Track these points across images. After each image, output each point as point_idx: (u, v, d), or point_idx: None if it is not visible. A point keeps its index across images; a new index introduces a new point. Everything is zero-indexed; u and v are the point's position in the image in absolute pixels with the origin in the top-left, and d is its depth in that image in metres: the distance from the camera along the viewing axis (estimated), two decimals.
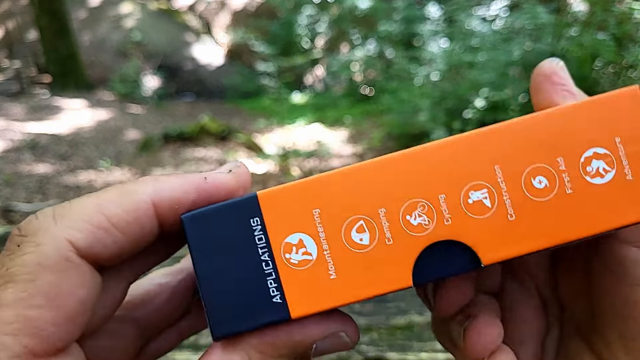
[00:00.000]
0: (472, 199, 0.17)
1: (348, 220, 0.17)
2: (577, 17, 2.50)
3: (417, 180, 0.17)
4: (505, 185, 0.17)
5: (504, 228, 0.17)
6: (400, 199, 0.17)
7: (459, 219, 0.17)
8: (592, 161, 0.17)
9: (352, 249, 0.17)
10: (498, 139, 0.17)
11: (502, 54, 2.58)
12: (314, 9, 5.33)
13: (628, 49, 2.21)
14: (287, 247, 0.17)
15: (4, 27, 6.30)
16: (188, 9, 6.83)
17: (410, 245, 0.17)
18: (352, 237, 0.17)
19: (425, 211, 0.17)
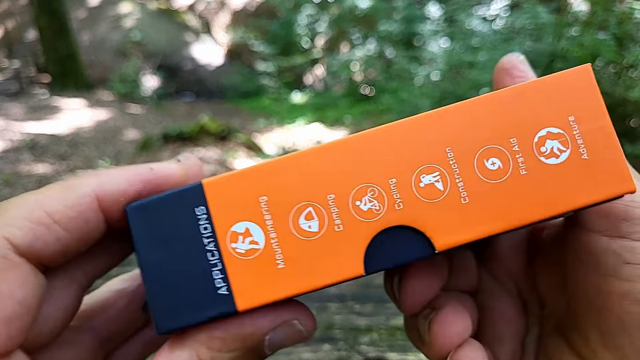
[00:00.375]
0: (424, 182, 0.16)
1: (296, 207, 0.16)
2: (578, 16, 2.50)
3: (367, 164, 0.16)
4: (458, 168, 0.16)
5: (458, 212, 0.16)
6: (350, 184, 0.16)
7: (411, 203, 0.16)
8: (546, 141, 0.16)
9: (301, 237, 0.16)
10: (449, 121, 0.16)
11: (502, 53, 2.56)
12: (313, 9, 5.33)
13: (629, 48, 2.20)
14: (233, 236, 0.16)
15: (3, 27, 6.30)
16: (188, 9, 6.83)
17: (361, 232, 0.16)
18: (300, 224, 0.16)
19: (375, 196, 0.16)
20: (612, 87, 2.26)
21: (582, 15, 2.50)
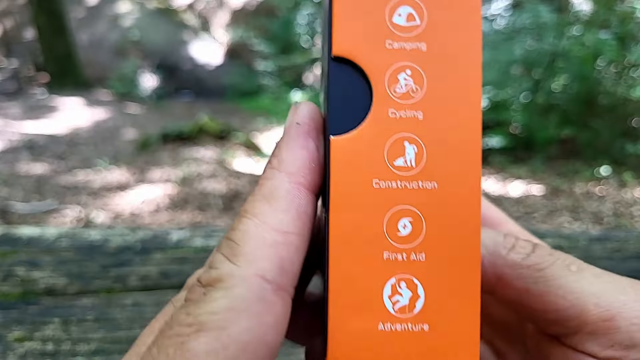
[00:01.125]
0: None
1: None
2: (579, 16, 2.50)
3: None
4: None
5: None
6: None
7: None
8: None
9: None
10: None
11: (503, 53, 2.57)
12: (313, 8, 5.31)
13: (630, 48, 2.20)
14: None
15: (2, 26, 6.27)
16: (187, 8, 6.81)
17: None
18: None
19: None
20: (613, 86, 2.25)
21: (583, 14, 2.49)
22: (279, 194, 0.16)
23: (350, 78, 0.16)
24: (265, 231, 0.15)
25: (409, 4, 0.16)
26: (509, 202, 2.27)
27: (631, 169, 2.49)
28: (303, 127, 0.17)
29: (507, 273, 0.19)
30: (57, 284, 0.39)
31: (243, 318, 0.14)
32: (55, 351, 0.33)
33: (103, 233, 0.45)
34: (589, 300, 0.17)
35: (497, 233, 0.20)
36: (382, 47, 0.16)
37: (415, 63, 0.16)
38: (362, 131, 0.16)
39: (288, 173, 0.16)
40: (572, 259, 0.19)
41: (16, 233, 0.44)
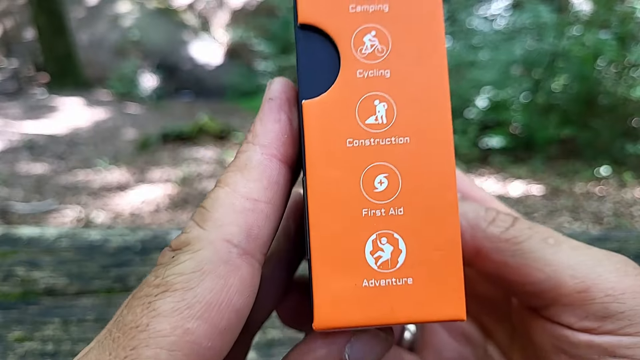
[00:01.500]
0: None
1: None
2: (579, 16, 2.50)
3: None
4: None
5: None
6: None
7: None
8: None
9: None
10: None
11: (503, 53, 2.57)
12: None
13: (630, 48, 2.20)
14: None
15: (2, 26, 6.27)
16: (187, 8, 6.81)
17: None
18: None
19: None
20: (613, 86, 2.25)
21: (583, 14, 2.49)
22: (251, 164, 0.16)
23: (318, 44, 0.16)
24: (235, 198, 0.15)
25: None
26: (509, 202, 2.27)
27: (631, 169, 2.48)
28: (275, 102, 0.18)
29: (486, 246, 0.19)
30: (57, 284, 0.39)
31: (208, 279, 0.14)
32: (55, 351, 0.33)
33: (103, 233, 0.45)
34: (565, 272, 0.17)
35: (479, 206, 0.20)
36: (345, 12, 0.16)
37: (378, 24, 0.16)
38: (332, 93, 0.16)
39: (261, 145, 0.17)
40: (551, 232, 0.19)
41: (16, 233, 0.44)
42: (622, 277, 0.17)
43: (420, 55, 0.16)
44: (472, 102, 2.58)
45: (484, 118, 2.58)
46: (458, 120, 2.60)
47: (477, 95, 2.57)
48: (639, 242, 0.45)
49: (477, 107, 2.56)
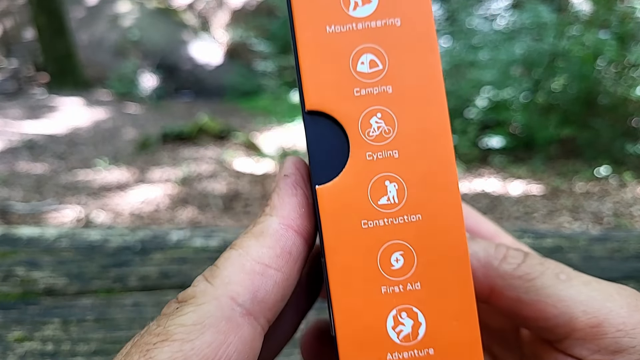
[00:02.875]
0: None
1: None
2: (579, 16, 2.50)
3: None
4: None
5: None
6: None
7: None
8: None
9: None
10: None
11: (503, 52, 2.57)
12: None
13: (630, 48, 2.20)
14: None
15: (2, 26, 6.27)
16: (186, 8, 6.81)
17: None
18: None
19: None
20: (613, 86, 2.25)
21: (583, 14, 2.49)
22: (267, 232, 0.17)
23: (326, 129, 0.17)
24: (245, 260, 0.16)
25: (369, 51, 0.16)
26: (509, 202, 2.27)
27: (631, 168, 2.49)
28: (291, 178, 0.18)
29: (499, 284, 0.19)
30: (56, 284, 0.39)
31: (208, 333, 0.14)
32: (55, 351, 0.33)
33: (103, 233, 0.45)
34: (577, 307, 0.18)
35: (488, 244, 0.21)
36: (351, 96, 0.16)
37: (383, 106, 0.16)
38: (344, 177, 0.16)
39: (278, 216, 0.17)
40: (562, 267, 0.19)
41: (16, 233, 0.44)
42: (633, 312, 0.18)
43: (426, 133, 0.16)
44: (472, 102, 2.58)
45: (483, 118, 2.58)
46: (458, 120, 2.60)
47: (477, 95, 2.57)
48: (639, 242, 0.45)
49: (477, 107, 2.56)
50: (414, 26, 0.17)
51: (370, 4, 0.17)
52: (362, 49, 0.16)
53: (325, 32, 0.16)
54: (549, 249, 0.44)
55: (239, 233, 0.45)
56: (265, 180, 2.55)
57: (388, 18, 0.16)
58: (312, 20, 0.16)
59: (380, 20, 0.16)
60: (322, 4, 0.16)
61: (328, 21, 0.16)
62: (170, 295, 0.38)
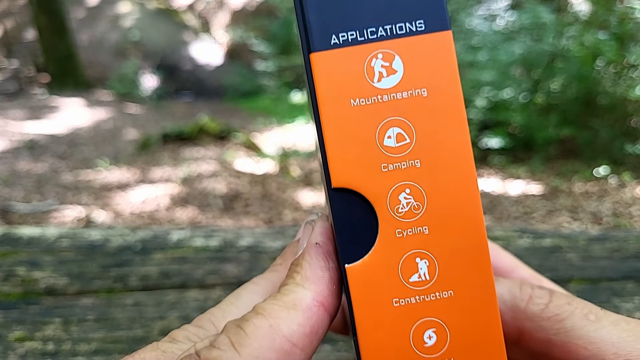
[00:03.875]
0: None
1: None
2: (578, 16, 2.50)
3: None
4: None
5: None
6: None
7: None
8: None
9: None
10: None
11: (503, 53, 2.57)
12: None
13: (629, 48, 2.20)
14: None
15: (2, 27, 6.27)
16: (187, 8, 6.81)
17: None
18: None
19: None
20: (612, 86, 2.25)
21: (582, 14, 2.50)
22: (301, 307, 0.16)
23: (353, 205, 0.16)
24: (276, 335, 0.16)
25: (396, 124, 0.16)
26: (508, 201, 2.27)
27: (630, 169, 2.49)
28: (323, 248, 0.18)
29: (528, 325, 0.19)
30: (57, 284, 0.39)
31: None
32: (55, 351, 0.34)
33: (103, 233, 0.45)
34: (608, 349, 0.18)
35: (512, 284, 0.20)
36: (378, 172, 0.16)
37: (412, 181, 0.16)
38: (374, 256, 0.16)
39: (312, 291, 0.17)
40: (590, 306, 0.19)
41: (17, 233, 0.44)
42: None
43: (456, 208, 0.16)
44: (472, 102, 2.58)
45: (483, 118, 2.58)
46: None
47: (477, 95, 2.57)
48: (638, 242, 0.45)
49: (476, 107, 2.56)
50: (441, 96, 0.16)
51: (396, 74, 0.16)
52: (388, 122, 0.16)
53: (349, 105, 0.16)
54: (548, 248, 0.44)
55: (239, 233, 0.46)
56: (265, 180, 2.56)
57: (414, 89, 0.16)
58: (335, 93, 0.16)
59: (407, 91, 0.16)
60: (345, 76, 0.16)
61: (352, 94, 0.16)
62: (171, 295, 0.38)
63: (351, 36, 0.16)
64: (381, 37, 0.16)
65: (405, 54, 0.16)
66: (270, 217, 2.09)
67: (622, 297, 0.38)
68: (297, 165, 2.82)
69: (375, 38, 0.16)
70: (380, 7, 0.16)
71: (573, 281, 0.40)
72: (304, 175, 2.65)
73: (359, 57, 0.16)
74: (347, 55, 0.16)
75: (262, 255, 0.42)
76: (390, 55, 0.16)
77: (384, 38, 0.16)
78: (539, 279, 0.23)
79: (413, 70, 0.16)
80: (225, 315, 0.19)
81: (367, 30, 0.16)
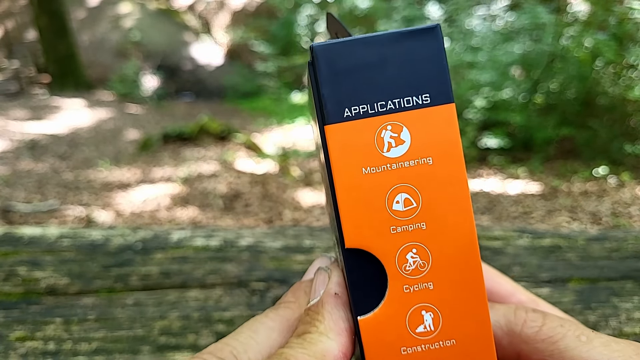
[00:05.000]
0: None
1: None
2: (577, 16, 2.50)
3: None
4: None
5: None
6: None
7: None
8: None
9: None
10: None
11: (502, 53, 2.57)
12: (313, 9, 5.32)
13: (628, 48, 2.20)
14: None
15: (3, 27, 6.28)
16: (187, 9, 6.82)
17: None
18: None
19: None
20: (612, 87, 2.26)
21: (581, 15, 2.50)
22: (329, 358, 0.17)
23: (365, 263, 0.18)
24: None
25: (404, 190, 0.17)
26: (507, 201, 2.27)
27: (629, 169, 2.49)
28: (341, 299, 0.19)
29: (525, 349, 0.20)
30: (58, 283, 0.39)
31: None
32: (56, 351, 0.34)
33: (104, 233, 0.45)
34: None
35: (507, 309, 0.22)
36: (387, 233, 0.17)
37: (418, 242, 0.17)
38: (384, 309, 0.18)
39: (338, 343, 0.18)
40: (581, 328, 0.20)
41: (18, 233, 0.44)
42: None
43: (458, 266, 0.18)
44: (471, 103, 2.59)
45: (482, 118, 2.58)
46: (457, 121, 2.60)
47: (476, 96, 2.57)
48: (637, 241, 0.45)
49: (475, 107, 2.56)
50: (444, 163, 0.17)
51: (404, 144, 0.17)
52: (396, 189, 0.17)
53: (361, 173, 0.17)
54: (547, 248, 0.44)
55: (239, 233, 0.46)
56: (265, 180, 2.56)
57: (420, 157, 0.17)
58: (348, 162, 0.17)
59: (413, 160, 0.17)
60: (357, 146, 0.17)
61: (363, 163, 0.17)
62: (172, 295, 0.38)
63: (362, 109, 0.17)
64: (390, 109, 0.17)
65: (413, 126, 0.17)
66: (271, 217, 2.10)
67: (621, 296, 0.38)
68: (297, 165, 2.82)
69: (384, 111, 0.17)
70: (390, 82, 0.17)
71: (572, 281, 0.40)
72: (304, 175, 2.65)
73: (370, 129, 0.17)
74: (359, 127, 0.17)
75: (262, 255, 0.42)
76: (398, 127, 0.17)
77: (392, 111, 0.17)
78: (536, 301, 0.24)
79: (419, 141, 0.17)
80: (246, 349, 0.19)
81: (377, 104, 0.17)
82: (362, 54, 0.17)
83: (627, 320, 0.36)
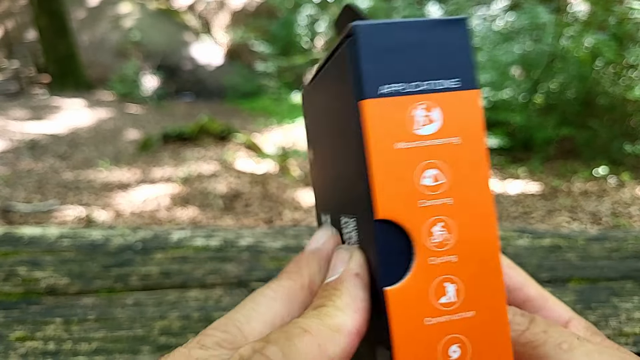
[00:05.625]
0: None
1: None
2: (577, 16, 2.50)
3: None
4: None
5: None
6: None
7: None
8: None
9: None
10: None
11: (502, 53, 2.57)
12: (313, 9, 5.32)
13: (628, 48, 2.20)
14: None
15: (3, 27, 6.28)
16: (187, 9, 6.82)
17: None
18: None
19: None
20: (612, 87, 2.26)
21: (581, 15, 2.50)
22: (344, 332, 0.18)
23: (393, 235, 0.19)
24: (324, 355, 0.17)
25: (433, 166, 0.18)
26: (507, 201, 2.27)
27: (629, 169, 2.49)
28: (362, 280, 0.19)
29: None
30: (58, 283, 0.39)
31: None
32: (56, 351, 0.34)
33: (104, 233, 0.45)
34: None
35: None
36: (415, 206, 0.18)
37: (445, 216, 0.19)
38: (410, 279, 0.18)
39: (354, 319, 0.18)
40: (565, 336, 0.20)
41: (18, 233, 0.44)
42: None
43: (479, 240, 0.19)
44: None
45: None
46: None
47: None
48: (637, 241, 0.45)
49: None
50: (471, 144, 0.19)
51: (434, 123, 0.18)
52: (426, 164, 0.18)
53: (393, 148, 0.18)
54: (547, 248, 0.44)
55: (239, 233, 0.46)
56: (265, 180, 2.56)
57: (449, 137, 0.18)
58: (382, 136, 0.18)
59: (443, 139, 0.18)
60: (391, 122, 0.18)
61: (396, 138, 0.18)
62: (172, 295, 0.38)
63: (397, 87, 0.18)
64: (423, 90, 0.18)
65: (444, 106, 0.18)
66: (271, 217, 2.10)
67: (621, 296, 0.38)
68: (297, 165, 2.82)
69: (418, 91, 0.18)
70: (424, 64, 0.18)
71: (572, 281, 0.40)
72: (304, 175, 2.65)
73: (403, 107, 0.18)
74: (394, 104, 0.18)
75: (263, 255, 0.42)
76: (430, 106, 0.18)
77: (426, 91, 0.18)
78: (545, 297, 0.24)
79: (449, 121, 0.18)
80: (249, 321, 0.20)
81: (412, 84, 0.18)
82: (401, 36, 0.18)
83: (627, 320, 0.36)
